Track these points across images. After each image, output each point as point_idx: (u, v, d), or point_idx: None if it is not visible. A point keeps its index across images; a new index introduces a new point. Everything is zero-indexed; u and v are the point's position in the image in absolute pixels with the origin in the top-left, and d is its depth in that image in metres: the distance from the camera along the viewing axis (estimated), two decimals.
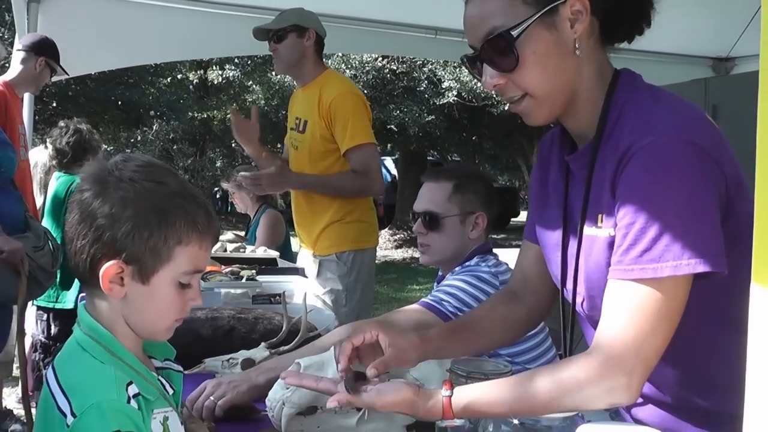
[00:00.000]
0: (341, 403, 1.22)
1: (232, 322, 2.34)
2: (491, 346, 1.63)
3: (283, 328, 2.27)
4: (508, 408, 1.21)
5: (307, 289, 3.00)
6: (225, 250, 4.10)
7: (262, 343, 2.26)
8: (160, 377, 1.25)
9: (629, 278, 1.20)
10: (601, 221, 1.32)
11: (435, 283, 2.40)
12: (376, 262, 5.39)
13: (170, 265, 1.18)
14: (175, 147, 20.67)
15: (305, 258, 3.86)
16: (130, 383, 1.15)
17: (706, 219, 1.19)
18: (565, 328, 1.51)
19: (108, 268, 1.16)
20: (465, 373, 1.43)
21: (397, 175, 18.20)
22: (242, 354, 2.23)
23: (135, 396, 1.14)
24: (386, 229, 15.80)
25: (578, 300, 1.42)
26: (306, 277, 3.71)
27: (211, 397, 1.83)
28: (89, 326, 1.20)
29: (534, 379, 1.23)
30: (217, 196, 22.81)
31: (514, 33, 1.29)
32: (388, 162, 19.33)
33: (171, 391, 1.25)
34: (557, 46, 1.32)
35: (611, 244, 1.28)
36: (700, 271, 1.16)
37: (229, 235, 4.44)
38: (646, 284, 1.19)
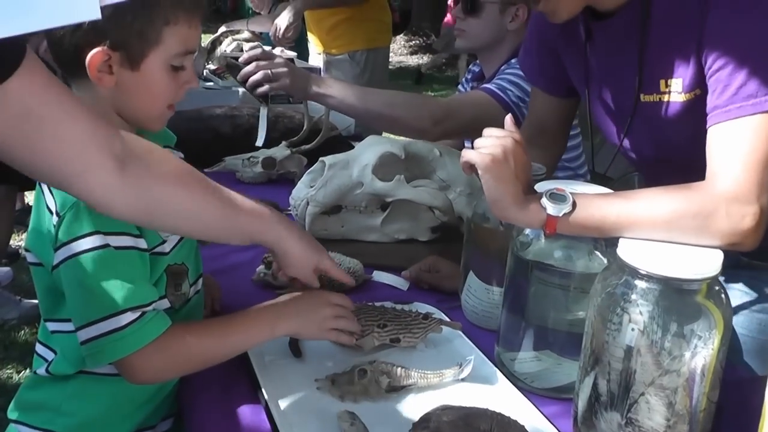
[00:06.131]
0: None
1: (252, 120, 2.30)
2: None
3: (305, 126, 2.23)
4: (629, 220, 1.10)
5: None
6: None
7: (283, 142, 2.23)
8: None
9: (729, 118, 1.13)
10: (667, 85, 1.25)
11: (468, 75, 2.35)
12: (391, 67, 5.24)
13: (159, 47, 1.13)
14: None
15: (316, 60, 3.79)
16: None
17: None
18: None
19: (94, 56, 1.09)
20: None
21: None
22: (263, 152, 2.20)
23: None
24: (402, 35, 15.42)
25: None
26: None
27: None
28: None
29: (656, 197, 1.14)
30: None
31: None
32: None
33: None
34: None
35: (689, 106, 1.23)
36: None
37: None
38: (748, 120, 1.12)
